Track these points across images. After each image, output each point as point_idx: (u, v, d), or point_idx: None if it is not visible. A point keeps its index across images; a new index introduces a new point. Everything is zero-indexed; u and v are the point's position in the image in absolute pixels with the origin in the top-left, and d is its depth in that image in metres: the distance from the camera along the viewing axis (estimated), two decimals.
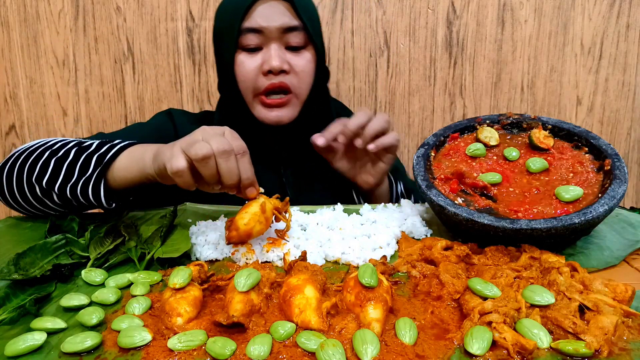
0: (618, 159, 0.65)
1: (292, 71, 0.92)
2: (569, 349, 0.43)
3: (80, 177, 0.71)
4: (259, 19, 0.89)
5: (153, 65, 1.51)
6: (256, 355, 0.43)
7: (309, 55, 0.93)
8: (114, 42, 1.50)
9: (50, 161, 0.74)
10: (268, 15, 0.89)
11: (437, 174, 0.70)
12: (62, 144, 0.78)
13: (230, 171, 0.63)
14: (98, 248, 0.65)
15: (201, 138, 0.64)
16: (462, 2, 1.45)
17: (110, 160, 0.71)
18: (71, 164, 0.73)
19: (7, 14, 1.50)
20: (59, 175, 0.73)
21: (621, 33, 1.46)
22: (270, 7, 0.89)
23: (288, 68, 0.91)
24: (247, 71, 0.91)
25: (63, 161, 0.73)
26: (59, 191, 0.72)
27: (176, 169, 0.62)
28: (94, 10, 1.48)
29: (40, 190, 0.74)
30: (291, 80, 0.92)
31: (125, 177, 0.72)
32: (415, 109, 1.53)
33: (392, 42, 1.48)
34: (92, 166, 0.71)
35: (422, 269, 0.57)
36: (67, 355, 0.45)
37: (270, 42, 0.90)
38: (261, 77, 0.91)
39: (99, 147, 0.74)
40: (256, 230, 0.63)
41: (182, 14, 1.47)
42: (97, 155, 0.72)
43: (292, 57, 0.92)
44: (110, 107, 1.55)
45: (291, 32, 0.90)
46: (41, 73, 1.53)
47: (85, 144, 0.76)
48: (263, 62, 0.90)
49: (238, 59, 0.92)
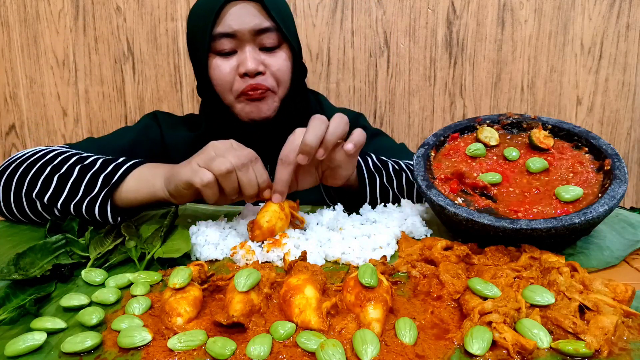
0: (618, 159, 0.65)
1: (268, 71, 0.92)
2: (569, 349, 0.43)
3: (85, 196, 0.71)
4: (231, 22, 0.88)
5: (153, 65, 1.51)
6: (256, 355, 0.43)
7: (284, 54, 0.93)
8: (114, 42, 1.50)
9: (52, 178, 0.74)
10: (239, 17, 0.88)
11: (437, 174, 0.70)
12: (63, 158, 0.77)
13: (250, 181, 0.67)
14: (98, 248, 0.65)
15: (214, 153, 0.67)
16: (462, 2, 1.45)
17: (118, 182, 0.72)
18: (75, 182, 0.73)
19: (7, 14, 1.50)
20: (61, 193, 0.73)
21: (621, 33, 1.46)
22: (240, 9, 0.89)
23: (263, 69, 0.91)
24: (223, 75, 0.91)
25: (66, 179, 0.73)
26: (62, 207, 0.73)
27: (207, 181, 0.64)
28: (94, 10, 1.48)
29: (41, 205, 0.75)
30: (267, 80, 0.92)
31: (134, 199, 0.72)
32: (415, 109, 1.53)
33: (392, 42, 1.48)
34: (98, 186, 0.72)
35: (422, 269, 0.57)
36: (67, 355, 0.45)
37: (244, 45, 0.90)
38: (238, 80, 0.91)
39: (104, 165, 0.74)
40: (278, 226, 0.66)
41: (182, 14, 1.47)
42: (104, 176, 0.72)
43: (267, 58, 0.91)
44: (110, 107, 1.55)
45: (264, 33, 0.90)
46: (41, 73, 1.53)
47: (87, 161, 0.76)
48: (238, 65, 0.90)
49: (213, 63, 0.92)
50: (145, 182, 0.72)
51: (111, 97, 1.54)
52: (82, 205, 0.71)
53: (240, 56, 0.91)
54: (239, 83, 0.91)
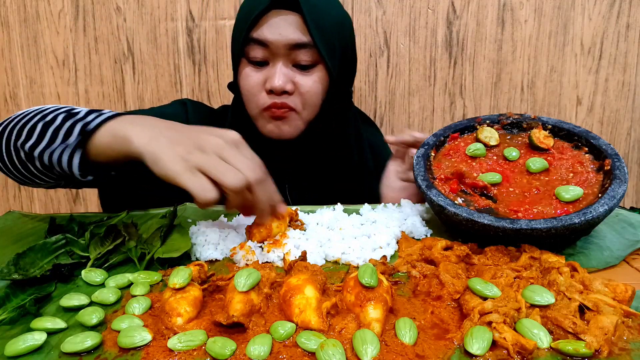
0: (618, 159, 0.65)
1: (296, 91, 0.86)
2: (569, 349, 0.43)
3: (61, 144, 0.66)
4: (267, 31, 0.82)
5: (153, 65, 1.51)
6: (256, 355, 0.43)
7: (319, 75, 0.86)
8: (114, 42, 1.50)
9: (37, 125, 0.69)
10: (277, 28, 0.82)
11: (437, 174, 0.70)
12: (55, 108, 0.72)
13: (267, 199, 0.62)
14: (98, 248, 0.65)
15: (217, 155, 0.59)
16: (462, 2, 1.45)
17: (92, 131, 0.65)
18: (56, 129, 0.67)
19: (7, 14, 1.50)
20: (42, 139, 0.67)
21: (621, 33, 1.46)
22: (280, 19, 0.82)
23: (292, 89, 0.85)
24: (250, 86, 0.86)
25: (49, 125, 0.68)
26: (39, 157, 0.67)
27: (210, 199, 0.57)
28: (94, 10, 1.48)
29: (24, 154, 0.69)
30: (294, 101, 0.86)
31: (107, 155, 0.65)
32: (415, 109, 1.53)
33: (392, 42, 1.48)
34: (74, 134, 0.66)
35: (422, 269, 0.57)
36: (67, 355, 0.45)
37: (277, 59, 0.84)
38: (264, 94, 0.86)
39: (87, 114, 0.68)
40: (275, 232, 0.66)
41: (182, 14, 1.47)
42: (82, 124, 0.66)
43: (298, 76, 0.85)
44: (110, 107, 1.55)
45: (300, 49, 0.83)
46: (41, 73, 1.53)
47: (74, 110, 0.70)
48: (266, 79, 0.85)
49: (243, 72, 0.87)
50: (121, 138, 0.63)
51: (111, 97, 1.54)
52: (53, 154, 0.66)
53: (270, 70, 0.85)
54: (264, 98, 0.86)
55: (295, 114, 0.87)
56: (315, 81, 0.86)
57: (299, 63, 0.85)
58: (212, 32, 1.48)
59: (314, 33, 0.82)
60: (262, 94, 0.86)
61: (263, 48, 0.84)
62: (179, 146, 0.60)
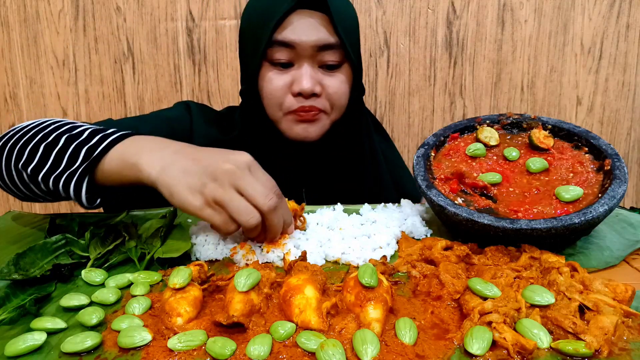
0: (618, 159, 0.65)
1: (324, 93, 0.83)
2: (569, 349, 0.43)
3: (66, 168, 0.63)
4: (292, 32, 0.79)
5: (153, 65, 1.51)
6: (256, 355, 0.43)
7: (344, 75, 0.85)
8: (114, 42, 1.50)
9: (38, 147, 0.66)
10: (302, 29, 0.79)
11: (437, 174, 0.70)
12: (55, 127, 0.69)
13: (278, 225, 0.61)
14: (98, 248, 0.65)
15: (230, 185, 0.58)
16: (462, 2, 1.45)
17: (100, 156, 0.63)
18: (59, 152, 0.65)
19: (7, 14, 1.50)
20: (45, 163, 0.65)
21: (621, 33, 1.46)
22: (306, 19, 0.80)
23: (320, 90, 0.82)
24: (274, 89, 0.83)
25: (51, 148, 0.65)
26: (43, 181, 0.65)
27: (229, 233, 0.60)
28: (94, 10, 1.48)
29: (27, 176, 0.67)
30: (322, 103, 0.84)
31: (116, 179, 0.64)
32: (415, 109, 1.53)
33: (392, 42, 1.48)
34: (79, 159, 0.63)
35: (422, 269, 0.57)
36: (67, 355, 0.45)
37: (303, 60, 0.81)
38: (290, 97, 0.83)
39: (92, 135, 0.66)
40: None
41: (182, 14, 1.47)
42: (87, 147, 0.64)
43: (325, 78, 0.83)
44: (110, 107, 1.55)
45: (327, 50, 0.81)
46: (41, 73, 1.53)
47: (76, 130, 0.67)
48: (293, 82, 0.82)
49: (266, 75, 0.83)
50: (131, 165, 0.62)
51: (111, 97, 1.54)
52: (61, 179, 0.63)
53: (296, 72, 0.82)
54: (291, 101, 0.83)
55: (324, 115, 0.85)
56: (342, 81, 0.84)
57: (326, 64, 0.82)
58: (212, 32, 1.48)
59: (341, 32, 0.80)
60: (287, 97, 0.83)
61: (288, 50, 0.81)
62: (193, 177, 0.59)
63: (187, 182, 0.59)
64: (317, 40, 0.80)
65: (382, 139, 1.05)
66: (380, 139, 1.04)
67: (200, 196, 0.58)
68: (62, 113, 1.56)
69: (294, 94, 0.82)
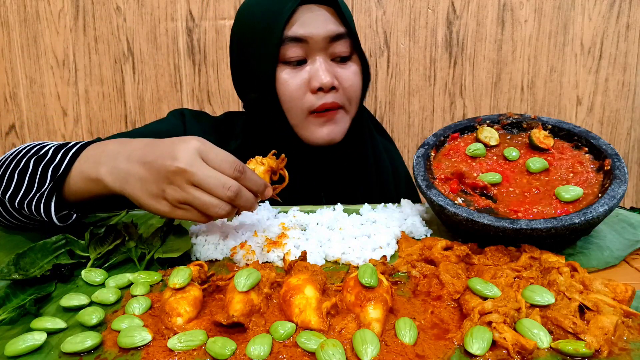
0: (618, 159, 0.65)
1: (340, 87, 0.82)
2: (569, 349, 0.43)
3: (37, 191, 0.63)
4: (302, 27, 0.78)
5: (153, 65, 1.51)
6: (256, 355, 0.43)
7: (355, 66, 0.84)
8: (114, 42, 1.50)
9: (13, 174, 0.66)
10: (311, 22, 0.78)
11: (437, 174, 0.70)
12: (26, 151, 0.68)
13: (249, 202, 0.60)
14: (98, 248, 0.65)
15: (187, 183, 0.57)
16: (462, 2, 1.45)
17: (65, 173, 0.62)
18: (30, 176, 0.64)
19: (7, 14, 1.50)
20: (20, 188, 0.65)
21: (621, 33, 1.46)
22: (313, 13, 0.79)
23: (337, 84, 0.81)
24: (293, 90, 0.80)
25: (24, 173, 0.65)
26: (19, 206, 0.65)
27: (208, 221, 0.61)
28: (94, 10, 1.48)
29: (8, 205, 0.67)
30: (341, 98, 0.82)
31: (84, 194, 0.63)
32: (415, 109, 1.53)
33: (392, 42, 1.48)
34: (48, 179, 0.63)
35: (422, 269, 0.57)
36: (67, 355, 0.45)
37: (315, 54, 0.80)
38: (309, 95, 0.80)
39: (55, 153, 0.65)
40: None
41: (182, 14, 1.47)
42: (53, 166, 0.63)
43: (339, 70, 0.82)
44: (110, 107, 1.55)
45: (337, 40, 0.80)
46: (41, 73, 1.53)
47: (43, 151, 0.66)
48: (310, 78, 0.80)
49: (281, 77, 0.80)
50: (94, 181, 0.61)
51: (111, 97, 1.54)
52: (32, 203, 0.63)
53: (311, 68, 0.80)
54: (311, 100, 0.80)
55: (343, 112, 0.83)
56: (355, 73, 0.83)
57: (338, 55, 0.81)
58: (212, 32, 1.48)
59: (351, 23, 0.81)
60: (307, 95, 0.81)
61: (301, 45, 0.79)
62: (151, 185, 0.58)
63: (148, 191, 0.59)
64: (328, 31, 0.79)
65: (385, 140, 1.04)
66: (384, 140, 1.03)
67: (164, 201, 0.59)
68: (62, 113, 1.56)
69: (313, 91, 0.80)
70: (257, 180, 0.62)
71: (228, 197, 0.58)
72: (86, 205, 0.68)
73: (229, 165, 0.59)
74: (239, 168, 0.59)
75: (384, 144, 1.01)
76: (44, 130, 1.57)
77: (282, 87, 0.81)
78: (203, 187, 0.57)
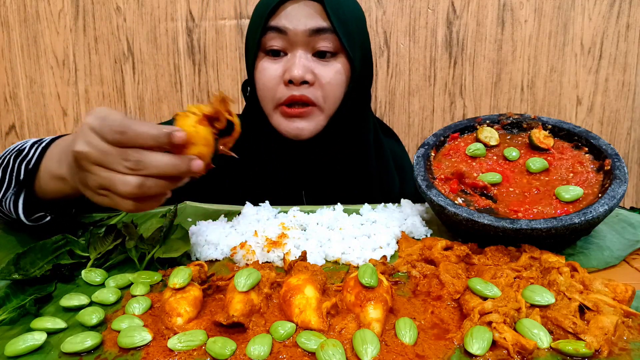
0: (618, 159, 0.65)
1: (317, 82, 0.81)
2: (569, 349, 0.43)
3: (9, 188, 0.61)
4: (285, 19, 0.80)
5: (153, 65, 1.51)
6: (256, 355, 0.43)
7: (339, 65, 0.82)
8: (114, 42, 1.50)
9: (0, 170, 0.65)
10: (295, 15, 0.80)
11: (437, 174, 0.70)
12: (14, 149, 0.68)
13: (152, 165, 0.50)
14: (98, 248, 0.65)
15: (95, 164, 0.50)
16: (462, 2, 1.45)
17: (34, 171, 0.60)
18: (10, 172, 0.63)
19: (7, 14, 1.50)
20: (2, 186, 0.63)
21: (621, 33, 1.46)
22: (298, 8, 0.80)
23: (312, 79, 0.80)
24: (267, 79, 0.82)
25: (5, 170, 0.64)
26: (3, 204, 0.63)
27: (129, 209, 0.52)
28: (94, 10, 1.48)
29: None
30: (314, 93, 0.81)
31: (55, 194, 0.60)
32: (415, 109, 1.53)
33: (392, 42, 1.48)
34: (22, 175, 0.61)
35: (422, 269, 0.57)
36: (67, 355, 0.45)
37: (296, 48, 0.81)
38: (282, 87, 0.81)
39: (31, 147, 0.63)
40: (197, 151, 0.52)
41: (182, 14, 1.47)
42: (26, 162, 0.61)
43: (318, 67, 0.81)
44: (110, 107, 1.55)
45: (319, 34, 0.80)
46: (41, 73, 1.53)
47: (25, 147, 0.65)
48: (285, 70, 0.81)
49: (260, 65, 0.83)
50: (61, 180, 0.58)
51: (111, 97, 1.54)
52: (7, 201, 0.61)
53: (289, 60, 0.81)
54: (282, 91, 0.81)
55: (316, 109, 0.83)
56: (336, 72, 0.82)
57: (319, 50, 0.81)
58: (212, 32, 1.48)
59: (334, 19, 0.80)
60: (279, 86, 0.82)
61: (281, 36, 0.80)
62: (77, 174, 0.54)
63: (80, 183, 0.55)
64: (309, 25, 0.80)
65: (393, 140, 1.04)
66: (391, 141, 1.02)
67: (89, 191, 0.54)
68: (62, 113, 1.56)
69: (285, 83, 0.81)
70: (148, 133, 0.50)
71: (125, 167, 0.50)
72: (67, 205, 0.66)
73: (109, 130, 0.50)
74: (118, 129, 0.49)
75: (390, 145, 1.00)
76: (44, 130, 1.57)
77: (259, 76, 0.83)
78: (103, 165, 0.50)
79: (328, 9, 0.80)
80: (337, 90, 0.83)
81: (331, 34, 0.81)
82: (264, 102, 0.84)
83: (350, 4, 0.86)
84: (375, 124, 0.96)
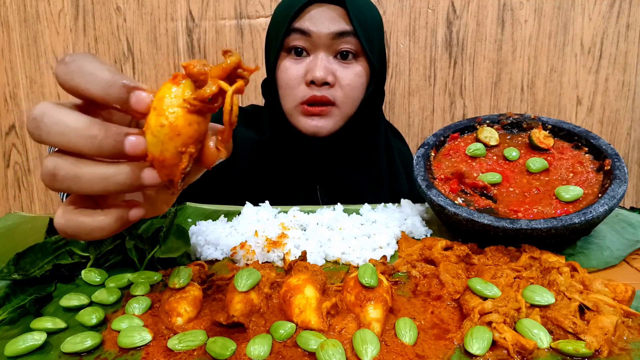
0: (618, 159, 0.65)
1: (337, 84, 0.85)
2: (569, 349, 0.43)
3: None
4: (309, 22, 0.83)
5: (153, 65, 1.51)
6: (256, 355, 0.43)
7: (360, 68, 0.86)
8: (114, 42, 1.50)
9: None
10: (319, 19, 0.83)
11: (437, 174, 0.70)
12: None
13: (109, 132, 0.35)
14: (98, 248, 0.65)
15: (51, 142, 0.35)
16: (462, 2, 1.45)
17: None
18: None
19: (7, 14, 1.50)
20: None
21: (621, 33, 1.46)
22: (322, 11, 0.83)
23: (333, 80, 0.84)
24: (289, 79, 0.85)
25: None
26: None
27: None
28: (94, 10, 1.48)
29: None
30: (334, 94, 0.85)
31: None
32: (415, 109, 1.53)
33: (392, 42, 1.48)
34: None
35: (422, 269, 0.57)
36: (67, 355, 0.45)
37: (318, 50, 0.84)
38: (303, 87, 0.85)
39: None
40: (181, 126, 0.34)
41: (182, 14, 1.47)
42: None
43: (339, 69, 0.85)
44: None
45: (341, 37, 0.83)
46: (41, 73, 1.53)
47: None
48: (307, 71, 0.84)
49: (282, 65, 0.86)
50: None
51: None
52: None
53: (311, 61, 0.84)
54: (303, 91, 0.84)
55: (335, 108, 0.86)
56: (356, 74, 0.85)
57: (341, 51, 0.84)
58: (212, 32, 1.48)
59: (356, 23, 0.83)
60: (301, 86, 0.85)
61: (304, 38, 0.83)
62: None
63: None
64: (332, 29, 0.83)
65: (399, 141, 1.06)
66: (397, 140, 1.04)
67: None
68: None
69: (307, 83, 0.84)
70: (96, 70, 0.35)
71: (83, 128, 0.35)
72: None
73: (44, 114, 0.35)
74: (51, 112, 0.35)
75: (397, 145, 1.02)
76: None
77: (281, 74, 0.86)
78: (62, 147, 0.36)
79: (350, 13, 0.83)
80: (356, 92, 0.87)
81: (353, 37, 0.84)
82: (285, 100, 0.87)
83: (370, 8, 0.90)
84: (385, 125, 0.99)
